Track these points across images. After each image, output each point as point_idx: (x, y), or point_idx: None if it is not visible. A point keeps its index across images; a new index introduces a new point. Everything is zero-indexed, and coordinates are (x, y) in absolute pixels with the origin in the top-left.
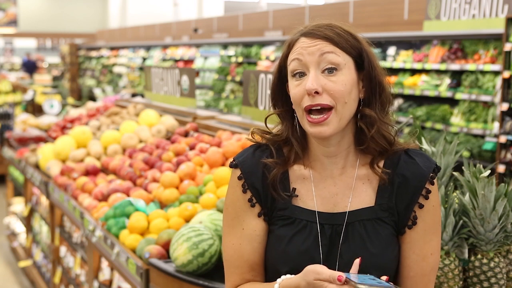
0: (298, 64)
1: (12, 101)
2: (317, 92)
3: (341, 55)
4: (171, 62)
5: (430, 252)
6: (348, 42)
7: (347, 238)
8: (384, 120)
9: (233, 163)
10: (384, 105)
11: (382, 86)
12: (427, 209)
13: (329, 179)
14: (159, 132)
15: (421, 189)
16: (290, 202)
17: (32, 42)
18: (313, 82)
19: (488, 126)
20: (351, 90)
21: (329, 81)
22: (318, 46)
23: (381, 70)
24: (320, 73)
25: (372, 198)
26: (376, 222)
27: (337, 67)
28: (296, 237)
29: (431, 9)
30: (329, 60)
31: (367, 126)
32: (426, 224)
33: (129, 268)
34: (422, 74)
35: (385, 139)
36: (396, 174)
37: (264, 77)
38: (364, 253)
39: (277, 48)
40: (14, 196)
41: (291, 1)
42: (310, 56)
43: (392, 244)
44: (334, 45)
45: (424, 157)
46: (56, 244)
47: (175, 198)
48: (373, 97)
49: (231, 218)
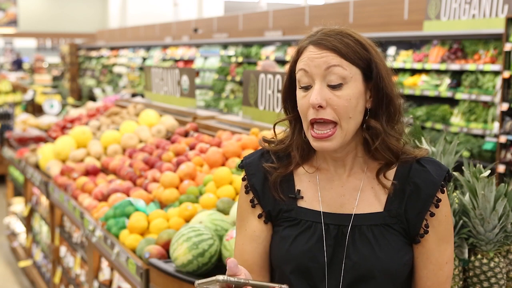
0: (304, 75)
1: (12, 101)
2: (320, 106)
3: (347, 68)
4: (171, 62)
5: (445, 261)
6: (357, 53)
7: (355, 241)
8: (390, 133)
9: (240, 164)
10: (392, 116)
11: (389, 97)
12: (439, 219)
13: (336, 181)
14: (159, 132)
15: (433, 198)
16: (296, 204)
17: (32, 42)
18: (317, 96)
19: (488, 126)
20: (356, 104)
21: (333, 96)
22: (324, 59)
23: (390, 81)
24: (326, 86)
25: (381, 203)
26: (384, 228)
27: (343, 82)
28: (300, 237)
29: (431, 9)
30: (335, 73)
31: (371, 137)
32: (440, 234)
33: (129, 268)
34: (422, 74)
35: (390, 151)
36: (408, 182)
37: (264, 77)
38: (372, 257)
39: (277, 48)
40: (14, 196)
41: (291, 1)
42: (316, 68)
43: (401, 250)
44: (341, 57)
45: (436, 164)
46: (56, 244)
47: (175, 198)
48: (379, 108)
49: (239, 219)
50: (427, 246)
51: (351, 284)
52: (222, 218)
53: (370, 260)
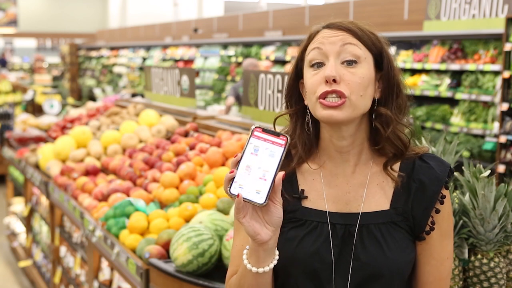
0: (318, 53)
1: (12, 101)
2: (334, 80)
3: (362, 48)
4: (171, 62)
5: (446, 257)
6: (371, 39)
7: (363, 240)
8: (401, 121)
9: None
10: (401, 107)
11: (399, 87)
12: (442, 215)
13: (341, 177)
14: (159, 132)
15: (438, 194)
16: (300, 204)
17: (32, 42)
18: (332, 69)
19: (488, 126)
20: (368, 84)
21: (347, 72)
22: (340, 37)
23: (399, 72)
24: (340, 63)
25: (386, 201)
26: (390, 226)
27: (357, 60)
28: (306, 238)
29: (431, 9)
30: (350, 51)
31: (382, 125)
32: (443, 229)
33: (129, 268)
34: (422, 74)
35: (400, 140)
36: (413, 179)
37: (264, 77)
38: (381, 256)
39: (277, 48)
40: (14, 196)
41: (291, 1)
42: (331, 45)
43: (408, 248)
44: (356, 38)
45: (438, 160)
46: (56, 244)
47: (175, 198)
48: (390, 97)
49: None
50: (431, 243)
51: (359, 283)
52: (222, 218)
53: (379, 260)
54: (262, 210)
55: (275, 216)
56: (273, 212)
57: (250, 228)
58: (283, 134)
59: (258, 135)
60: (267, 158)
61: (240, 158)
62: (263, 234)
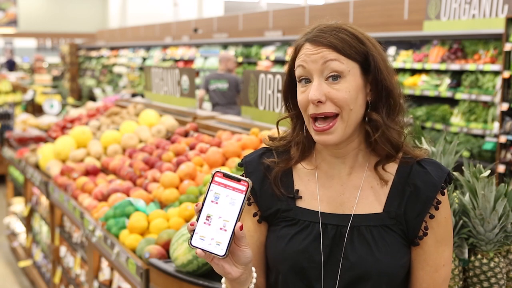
0: (303, 71)
1: (12, 101)
2: (320, 102)
3: (345, 62)
4: (171, 62)
5: (442, 264)
6: (353, 48)
7: (353, 241)
8: (390, 125)
9: (240, 162)
10: (392, 108)
11: (388, 90)
12: (438, 221)
13: (336, 179)
14: (159, 132)
15: (433, 200)
16: (294, 204)
17: (32, 42)
18: (315, 92)
19: (488, 126)
20: (356, 96)
21: (332, 89)
22: (321, 54)
23: (388, 73)
24: (324, 80)
25: (380, 204)
26: (382, 229)
27: (341, 75)
28: (296, 237)
29: (431, 9)
30: (332, 68)
31: (372, 130)
32: (439, 236)
33: (129, 268)
34: (422, 74)
35: (390, 144)
36: (408, 184)
37: (264, 77)
38: (370, 258)
39: (277, 48)
40: (14, 196)
41: (291, 1)
42: (313, 64)
43: (399, 252)
44: (337, 52)
45: (437, 165)
46: (56, 244)
47: (175, 198)
48: (379, 100)
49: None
50: (425, 248)
51: (348, 285)
52: None
53: (368, 262)
54: (230, 253)
55: (243, 258)
56: (240, 255)
57: (219, 269)
58: (243, 179)
59: (219, 181)
60: (227, 206)
61: (201, 207)
62: (233, 273)
